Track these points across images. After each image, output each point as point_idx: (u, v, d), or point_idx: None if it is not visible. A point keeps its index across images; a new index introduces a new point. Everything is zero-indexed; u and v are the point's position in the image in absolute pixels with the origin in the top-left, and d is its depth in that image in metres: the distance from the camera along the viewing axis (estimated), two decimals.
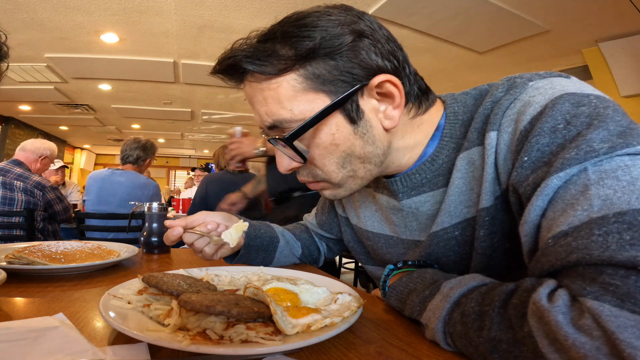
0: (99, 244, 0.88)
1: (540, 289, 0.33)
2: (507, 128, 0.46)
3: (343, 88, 0.47)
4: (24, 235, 2.14)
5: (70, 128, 7.70)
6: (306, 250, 0.90)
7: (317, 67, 0.47)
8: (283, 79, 0.48)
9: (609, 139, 0.37)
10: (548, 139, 0.41)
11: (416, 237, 0.62)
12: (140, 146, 2.42)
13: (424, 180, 0.58)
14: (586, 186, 0.35)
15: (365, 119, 0.50)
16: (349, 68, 0.47)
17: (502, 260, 0.51)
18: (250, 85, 0.51)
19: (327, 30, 0.46)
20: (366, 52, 0.47)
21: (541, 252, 0.37)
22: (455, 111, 0.56)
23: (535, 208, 0.39)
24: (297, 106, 0.48)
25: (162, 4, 2.89)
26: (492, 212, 0.49)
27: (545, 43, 3.29)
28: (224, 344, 0.35)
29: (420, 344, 0.43)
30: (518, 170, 0.43)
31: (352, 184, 0.56)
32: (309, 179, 0.56)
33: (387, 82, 0.49)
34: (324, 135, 0.49)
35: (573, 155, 0.37)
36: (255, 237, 0.79)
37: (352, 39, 0.47)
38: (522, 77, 0.50)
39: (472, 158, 0.52)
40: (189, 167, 9.23)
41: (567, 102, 0.41)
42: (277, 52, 0.47)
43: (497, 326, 0.35)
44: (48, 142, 2.50)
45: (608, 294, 0.29)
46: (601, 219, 0.32)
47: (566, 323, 0.30)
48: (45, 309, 0.50)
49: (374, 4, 2.82)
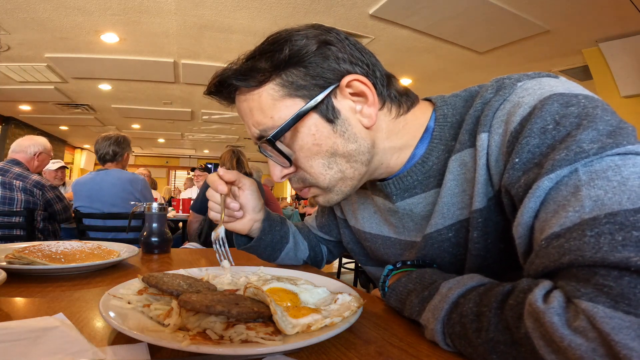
0: (99, 244, 0.88)
1: (536, 290, 0.33)
2: (498, 129, 0.47)
3: (316, 91, 0.51)
4: (24, 235, 2.13)
5: (70, 128, 7.70)
6: (312, 252, 0.90)
7: (290, 75, 0.52)
8: (263, 90, 0.52)
9: (599, 139, 0.37)
10: (538, 139, 0.41)
11: (413, 237, 0.62)
12: (113, 142, 2.37)
13: (416, 182, 0.59)
14: (577, 187, 0.35)
15: (343, 117, 0.53)
16: (319, 73, 0.51)
17: (496, 261, 0.51)
18: (239, 99, 0.56)
19: (295, 43, 0.51)
20: (334, 58, 0.52)
21: (535, 254, 0.37)
22: (445, 113, 0.57)
23: (527, 210, 0.39)
24: (277, 113, 0.52)
25: (162, 4, 2.90)
26: (485, 213, 0.49)
27: (545, 43, 3.29)
28: (224, 344, 0.35)
29: (420, 344, 0.43)
30: (509, 171, 0.43)
31: (342, 187, 0.56)
32: (300, 185, 0.58)
33: (355, 81, 0.52)
34: (305, 137, 0.53)
35: (563, 156, 0.37)
36: (269, 233, 0.79)
37: (316, 47, 0.51)
38: (510, 78, 0.50)
39: (464, 160, 0.52)
40: (189, 167, 9.24)
41: (555, 102, 0.41)
42: (257, 67, 0.52)
43: (495, 327, 0.35)
44: (36, 138, 2.43)
45: (602, 295, 0.29)
46: (593, 220, 0.32)
47: (561, 325, 0.30)
48: (45, 309, 0.50)
49: (374, 4, 2.82)
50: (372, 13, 2.92)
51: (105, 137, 2.39)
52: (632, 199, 0.32)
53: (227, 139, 8.63)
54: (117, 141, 2.38)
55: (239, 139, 8.62)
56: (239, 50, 0.55)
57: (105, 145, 2.36)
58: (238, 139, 8.61)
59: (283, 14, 3.02)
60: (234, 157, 2.62)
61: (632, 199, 0.32)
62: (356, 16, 3.01)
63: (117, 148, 2.37)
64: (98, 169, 2.39)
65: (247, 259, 0.94)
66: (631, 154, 0.36)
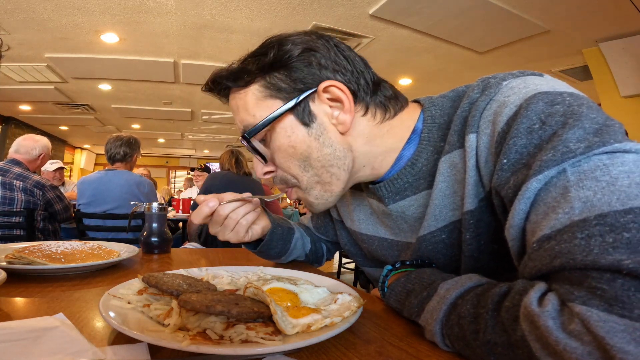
0: (99, 244, 0.88)
1: (531, 292, 0.33)
2: (486, 130, 0.47)
3: (296, 94, 0.54)
4: (24, 235, 2.13)
5: (70, 128, 7.70)
6: (313, 246, 0.91)
7: (273, 78, 0.54)
8: (249, 90, 0.56)
9: (585, 137, 0.36)
10: (525, 140, 0.40)
11: (409, 239, 0.63)
12: (125, 142, 2.41)
13: (406, 185, 0.59)
14: (566, 188, 0.35)
15: (318, 122, 0.54)
16: (300, 77, 0.53)
17: (490, 262, 0.51)
18: (231, 97, 0.59)
19: (281, 48, 0.54)
20: (317, 64, 0.54)
21: (528, 257, 0.37)
22: (433, 114, 0.57)
23: (518, 212, 0.39)
24: (258, 112, 0.55)
25: (162, 4, 2.90)
26: (476, 214, 0.49)
27: (545, 43, 3.29)
28: (224, 344, 0.35)
29: (420, 344, 0.43)
30: (499, 173, 0.43)
31: (321, 191, 0.58)
32: (282, 185, 0.60)
33: (332, 87, 0.53)
34: (282, 138, 0.55)
35: (550, 156, 0.37)
36: (278, 226, 0.80)
37: (299, 52, 0.53)
38: (495, 77, 0.50)
39: (454, 161, 0.52)
40: (189, 167, 9.23)
41: (540, 101, 0.41)
42: (246, 68, 0.56)
43: (492, 329, 0.35)
44: (38, 139, 2.43)
45: (595, 299, 0.29)
46: (583, 222, 0.32)
47: (556, 328, 0.29)
48: (45, 309, 0.50)
49: (374, 4, 2.82)
50: (372, 13, 2.92)
51: (117, 138, 2.42)
52: (622, 199, 0.32)
53: (227, 139, 8.63)
54: (128, 142, 2.42)
55: (239, 139, 8.61)
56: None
57: (116, 145, 2.39)
58: (238, 139, 8.56)
59: (283, 14, 3.02)
60: (233, 157, 2.64)
61: (621, 199, 0.32)
62: (356, 16, 3.01)
63: (128, 149, 2.41)
64: (107, 169, 2.40)
65: (247, 259, 0.95)
66: (619, 152, 0.35)
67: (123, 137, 2.43)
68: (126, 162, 2.43)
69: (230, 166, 2.61)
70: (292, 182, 0.58)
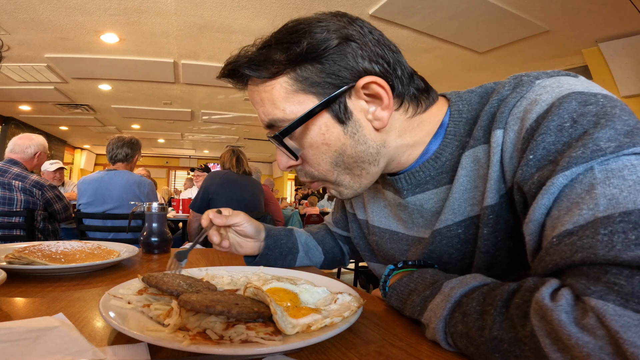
0: (99, 244, 0.88)
1: (543, 288, 0.33)
2: (514, 126, 0.46)
3: (330, 90, 0.50)
4: (24, 235, 2.13)
5: (70, 128, 7.70)
6: (329, 255, 0.91)
7: (305, 71, 0.49)
8: (276, 82, 0.51)
9: (616, 138, 0.36)
10: (554, 137, 0.40)
11: (422, 233, 0.62)
12: (127, 143, 2.43)
13: (428, 178, 0.58)
14: (592, 185, 0.35)
15: (354, 119, 0.51)
16: (336, 71, 0.49)
17: (505, 259, 0.51)
18: (251, 88, 0.55)
19: (314, 36, 0.49)
20: (353, 56, 0.49)
21: (545, 251, 0.37)
22: (460, 109, 0.56)
23: (540, 206, 0.39)
24: (289, 107, 0.51)
25: (162, 4, 2.90)
26: (496, 210, 0.49)
27: (545, 43, 3.29)
28: (224, 344, 0.35)
29: (420, 344, 0.43)
30: (523, 168, 0.43)
31: (351, 182, 0.56)
32: (307, 179, 0.58)
33: (373, 84, 0.50)
34: (315, 135, 0.52)
35: (579, 153, 0.37)
36: (274, 248, 0.81)
37: (337, 43, 0.49)
38: (529, 75, 0.50)
39: (478, 156, 0.52)
40: (189, 167, 9.23)
41: (574, 100, 0.41)
42: (271, 58, 0.50)
43: (499, 325, 0.35)
44: (34, 137, 2.44)
45: (612, 294, 0.29)
46: (607, 219, 0.32)
47: (569, 322, 0.30)
48: (45, 309, 0.50)
49: (374, 4, 2.82)
50: (372, 13, 2.92)
51: (118, 138, 2.44)
52: None
53: (227, 139, 8.62)
54: (130, 143, 2.44)
55: (239, 139, 8.61)
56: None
57: (118, 145, 2.40)
58: (238, 139, 8.61)
59: (283, 14, 3.02)
60: (234, 157, 2.65)
61: None
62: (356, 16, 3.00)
63: (130, 150, 2.43)
64: (108, 169, 2.40)
65: None
66: None
67: (125, 138, 2.45)
68: (127, 163, 2.44)
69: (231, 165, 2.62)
70: (318, 176, 0.56)
